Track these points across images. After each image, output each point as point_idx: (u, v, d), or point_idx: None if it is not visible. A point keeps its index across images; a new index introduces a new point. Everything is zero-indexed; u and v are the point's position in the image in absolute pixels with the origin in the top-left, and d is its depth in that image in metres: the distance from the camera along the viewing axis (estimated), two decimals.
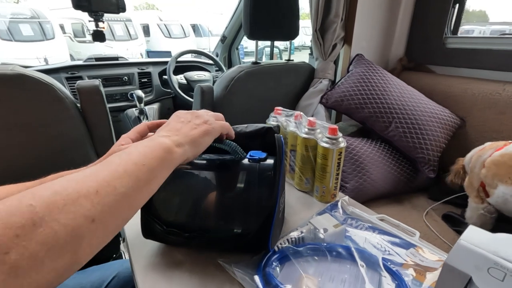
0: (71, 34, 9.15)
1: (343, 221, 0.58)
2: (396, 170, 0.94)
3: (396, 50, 1.25)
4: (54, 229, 0.21)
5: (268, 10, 0.90)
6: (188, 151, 0.37)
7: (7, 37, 7.37)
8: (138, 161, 0.30)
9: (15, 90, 0.60)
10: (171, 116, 0.43)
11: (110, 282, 0.58)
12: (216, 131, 0.42)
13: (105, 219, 0.25)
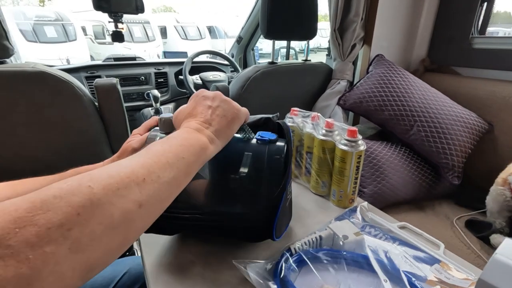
0: (92, 36, 9.45)
1: (362, 228, 0.56)
2: (417, 176, 0.90)
3: (418, 50, 1.20)
4: (109, 210, 0.23)
5: (286, 9, 0.89)
6: (220, 146, 0.38)
7: (33, 38, 7.70)
8: (178, 154, 0.31)
9: (36, 87, 0.61)
10: (195, 96, 0.42)
11: (121, 278, 0.58)
12: (242, 118, 0.42)
13: (150, 205, 0.27)
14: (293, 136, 0.72)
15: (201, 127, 0.37)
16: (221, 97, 0.41)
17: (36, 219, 0.19)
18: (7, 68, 0.58)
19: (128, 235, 0.25)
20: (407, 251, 0.50)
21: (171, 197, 0.31)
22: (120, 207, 0.24)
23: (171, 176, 0.29)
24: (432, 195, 0.91)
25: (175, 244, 0.52)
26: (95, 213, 0.22)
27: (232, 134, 0.41)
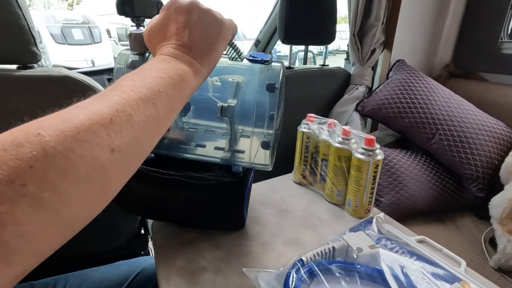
0: (116, 38, 9.80)
1: (377, 241, 0.54)
2: (438, 186, 0.86)
3: (442, 55, 1.15)
4: (70, 159, 0.19)
5: (304, 13, 0.88)
6: (205, 74, 0.32)
7: (61, 40, 8.09)
8: (154, 87, 0.26)
9: (61, 90, 0.64)
10: (167, 9, 0.33)
11: (135, 277, 0.60)
12: (229, 34, 0.35)
13: (126, 149, 0.23)
14: (308, 143, 0.71)
15: (179, 52, 0.30)
16: (198, 7, 0.32)
17: None
18: (35, 72, 0.61)
19: (105, 185, 0.22)
20: (425, 267, 0.48)
21: (153, 138, 0.26)
22: (84, 155, 0.20)
23: (148, 114, 0.25)
24: (454, 207, 0.87)
25: (188, 249, 0.53)
26: (52, 163, 0.19)
27: (218, 57, 0.34)
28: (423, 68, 1.12)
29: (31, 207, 0.17)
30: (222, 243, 0.54)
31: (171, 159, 0.45)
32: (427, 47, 1.13)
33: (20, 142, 0.18)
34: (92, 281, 0.56)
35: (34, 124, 0.20)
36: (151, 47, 0.34)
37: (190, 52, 0.31)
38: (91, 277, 0.58)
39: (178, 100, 0.28)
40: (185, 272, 0.48)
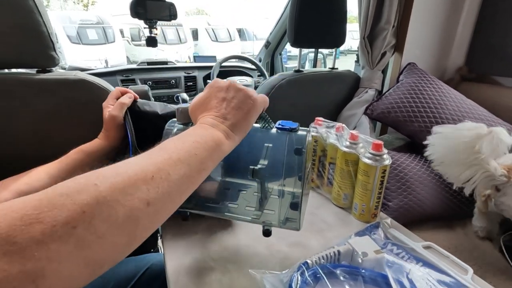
0: (128, 38, 9.99)
1: (383, 246, 0.54)
2: (447, 192, 0.85)
3: (454, 58, 1.14)
4: (115, 208, 0.23)
5: (314, 17, 0.88)
6: (236, 140, 0.37)
7: (76, 40, 8.31)
8: (191, 150, 0.31)
9: (76, 92, 0.67)
10: (209, 87, 0.40)
11: (143, 273, 0.61)
12: (259, 108, 0.41)
13: (159, 203, 0.26)
14: (316, 146, 0.72)
15: (216, 122, 0.36)
16: (235, 87, 0.39)
17: (41, 217, 0.20)
18: (53, 76, 0.64)
19: (135, 233, 0.25)
20: (431, 274, 0.48)
21: (184, 194, 0.30)
22: (126, 205, 0.24)
23: (182, 173, 0.29)
24: (464, 213, 0.86)
25: (196, 249, 0.54)
26: (100, 211, 0.22)
27: (249, 127, 0.39)
28: (434, 72, 1.11)
29: (76, 247, 0.20)
30: (229, 244, 0.56)
31: None
32: (439, 50, 1.11)
33: (80, 189, 0.22)
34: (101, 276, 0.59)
35: (93, 174, 0.24)
36: (193, 117, 0.40)
37: (225, 122, 0.36)
38: None
39: (211, 162, 0.33)
40: (193, 271, 0.49)
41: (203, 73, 1.73)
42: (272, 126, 0.44)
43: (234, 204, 0.47)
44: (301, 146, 0.41)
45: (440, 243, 0.65)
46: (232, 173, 0.47)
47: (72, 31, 8.29)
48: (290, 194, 0.44)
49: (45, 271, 0.19)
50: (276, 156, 0.42)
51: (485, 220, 0.75)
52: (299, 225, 0.45)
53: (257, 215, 0.46)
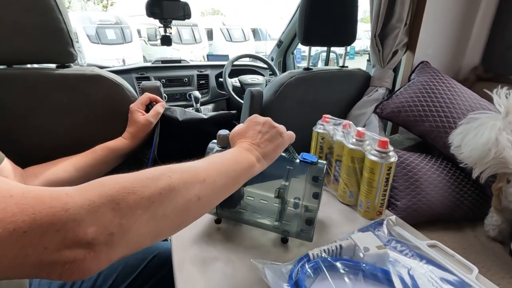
0: (145, 38, 10.21)
1: (387, 243, 0.54)
2: (458, 193, 0.84)
3: (470, 57, 1.11)
4: (178, 196, 0.32)
5: (324, 14, 0.88)
6: (265, 165, 0.46)
7: (96, 40, 8.57)
8: (230, 166, 0.40)
9: (93, 87, 0.70)
10: (249, 121, 0.51)
11: (151, 260, 0.64)
12: (286, 143, 0.50)
13: (205, 200, 0.35)
14: (323, 143, 0.72)
15: (251, 147, 0.46)
16: (270, 123, 0.49)
17: (135, 190, 0.28)
18: (72, 71, 0.67)
19: (185, 219, 0.34)
20: (434, 272, 0.48)
21: (220, 198, 0.40)
22: (185, 196, 0.32)
23: (223, 182, 0.38)
24: (475, 215, 0.84)
25: (202, 238, 0.56)
26: (169, 195, 0.31)
27: (276, 156, 0.49)
28: (448, 71, 1.08)
29: (149, 217, 0.29)
30: (234, 235, 0.57)
31: None
32: (454, 49, 1.09)
33: (160, 177, 0.31)
34: None
35: (167, 169, 0.33)
36: (232, 142, 0.50)
37: (259, 149, 0.46)
38: None
39: (243, 178, 0.43)
40: (198, 260, 0.51)
41: (216, 72, 1.76)
42: (296, 157, 0.54)
43: (257, 214, 0.56)
44: (319, 175, 0.51)
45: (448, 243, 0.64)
46: (258, 187, 0.56)
47: (91, 31, 8.56)
48: (305, 208, 0.52)
49: (131, 228, 0.27)
50: (296, 179, 0.52)
51: (498, 218, 0.74)
52: (311, 237, 0.53)
53: (277, 225, 0.54)
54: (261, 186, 0.56)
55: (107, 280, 0.58)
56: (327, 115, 0.73)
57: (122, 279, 0.59)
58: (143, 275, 0.61)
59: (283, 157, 0.54)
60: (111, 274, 0.59)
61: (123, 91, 0.72)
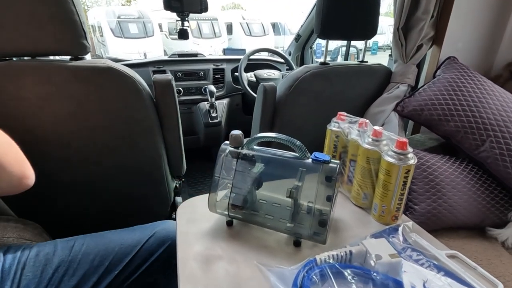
0: (166, 32, 10.36)
1: (401, 250, 0.51)
2: (484, 199, 0.78)
3: (504, 53, 1.02)
4: None
5: (343, 6, 0.84)
6: None
7: (119, 34, 8.80)
8: None
9: (105, 80, 0.70)
10: None
11: (148, 240, 0.64)
12: None
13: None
14: (337, 142, 0.69)
15: None
16: None
17: None
18: (85, 63, 0.68)
19: None
20: (453, 285, 0.44)
21: None
22: None
23: None
24: (504, 225, 0.78)
25: (207, 236, 0.55)
26: None
27: None
28: (478, 67, 1.00)
29: None
30: (240, 234, 0.56)
31: None
32: (486, 44, 1.00)
33: None
34: (107, 242, 0.62)
35: None
36: None
37: None
38: (107, 238, 0.63)
39: None
40: (201, 257, 0.50)
41: (232, 66, 1.74)
42: (308, 156, 0.51)
43: (270, 216, 0.54)
44: (332, 175, 0.49)
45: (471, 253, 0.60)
46: (270, 188, 0.55)
47: (115, 25, 8.79)
48: (319, 211, 0.50)
49: None
50: (308, 179, 0.50)
51: None
52: (325, 239, 0.50)
53: (290, 227, 0.52)
54: (273, 187, 0.55)
55: (103, 261, 0.59)
56: (342, 113, 0.70)
57: (119, 259, 0.60)
58: (140, 255, 0.62)
59: (295, 156, 0.53)
60: (107, 255, 0.60)
61: (134, 83, 0.71)
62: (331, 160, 0.50)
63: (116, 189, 0.88)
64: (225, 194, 0.56)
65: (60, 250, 0.58)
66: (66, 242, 0.61)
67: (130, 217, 0.94)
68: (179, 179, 1.07)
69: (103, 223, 0.84)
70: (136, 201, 0.94)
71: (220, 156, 0.55)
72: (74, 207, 0.86)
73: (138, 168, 0.86)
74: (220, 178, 0.56)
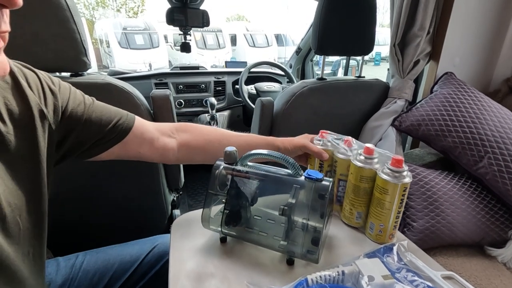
0: (171, 43, 10.55)
1: (396, 270, 0.50)
2: (484, 216, 0.77)
3: (502, 68, 1.02)
4: None
5: (340, 23, 0.85)
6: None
7: (125, 45, 8.98)
8: None
9: (104, 96, 0.71)
10: None
11: (147, 255, 0.64)
12: None
13: None
14: (322, 161, 0.67)
15: None
16: None
17: None
18: (83, 80, 0.69)
19: None
20: None
21: None
22: None
23: None
24: (504, 242, 0.76)
25: (200, 252, 0.55)
26: None
27: None
28: (476, 83, 1.00)
29: None
30: (233, 251, 0.55)
31: None
32: (483, 59, 1.01)
33: None
34: (107, 258, 0.62)
35: None
36: None
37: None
38: (107, 254, 0.63)
39: None
40: (194, 275, 0.50)
41: (233, 78, 1.76)
42: (301, 173, 0.51)
43: (264, 233, 0.53)
44: (325, 193, 0.49)
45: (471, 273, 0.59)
46: (264, 205, 0.55)
47: (122, 36, 8.98)
48: (312, 229, 0.49)
49: None
50: (302, 197, 0.50)
51: None
52: (318, 259, 0.49)
53: (283, 246, 0.51)
54: (269, 203, 0.55)
55: (103, 278, 0.59)
56: (325, 131, 0.68)
57: (118, 276, 0.60)
58: (139, 270, 0.62)
59: (288, 174, 0.53)
60: (107, 272, 0.60)
61: (133, 99, 0.73)
62: (324, 178, 0.50)
63: (113, 202, 0.88)
64: (219, 210, 0.56)
65: (63, 269, 0.59)
66: (68, 260, 0.61)
67: (130, 230, 0.94)
68: (177, 192, 1.07)
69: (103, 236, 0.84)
70: (135, 214, 0.94)
71: (215, 172, 0.56)
72: (72, 221, 0.86)
73: (135, 181, 0.86)
74: (214, 193, 0.56)
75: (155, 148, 0.58)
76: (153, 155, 0.58)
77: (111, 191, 0.85)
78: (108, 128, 0.52)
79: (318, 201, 0.49)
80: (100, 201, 0.85)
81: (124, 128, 0.54)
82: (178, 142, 0.61)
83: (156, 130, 0.59)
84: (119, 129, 0.53)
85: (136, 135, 0.55)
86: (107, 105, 0.54)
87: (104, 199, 0.86)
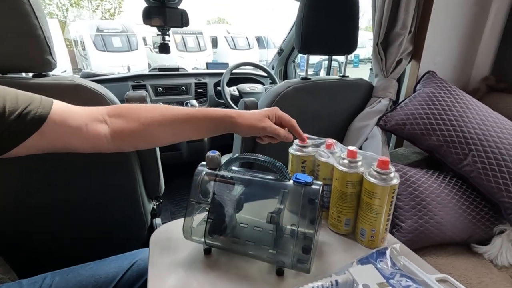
0: (151, 46, 10.33)
1: (390, 276, 0.48)
2: (470, 214, 0.77)
3: (480, 67, 1.04)
4: None
5: (322, 21, 0.83)
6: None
7: (102, 48, 8.69)
8: None
9: (70, 98, 0.65)
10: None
11: (126, 272, 0.58)
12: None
13: None
14: (304, 167, 0.64)
15: None
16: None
17: None
18: (48, 80, 0.63)
19: None
20: None
21: None
22: None
23: None
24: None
25: (182, 267, 0.50)
26: None
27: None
28: (456, 81, 1.02)
29: None
30: (218, 264, 0.51)
31: None
32: (462, 58, 1.03)
33: None
34: (79, 279, 0.55)
35: None
36: None
37: None
38: (79, 274, 0.56)
39: None
40: None
41: (214, 80, 1.72)
42: (289, 177, 0.49)
43: (251, 242, 0.50)
44: (314, 197, 0.47)
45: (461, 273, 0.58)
46: (250, 212, 0.52)
47: (98, 39, 8.69)
48: (302, 235, 0.47)
49: None
50: (290, 202, 0.48)
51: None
52: (309, 268, 0.47)
53: (271, 255, 0.48)
54: (255, 209, 0.52)
55: None
56: (307, 134, 0.65)
57: None
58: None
59: (275, 178, 0.50)
60: None
61: (105, 101, 0.67)
62: (313, 181, 0.47)
63: (87, 213, 0.81)
64: (202, 219, 0.52)
65: None
66: (33, 283, 0.54)
67: (106, 245, 0.86)
68: (157, 200, 1.01)
69: (75, 253, 0.77)
70: (111, 227, 0.87)
71: (196, 178, 0.52)
72: (38, 237, 0.78)
73: (110, 190, 0.80)
74: (197, 202, 0.52)
75: (84, 137, 0.48)
76: (84, 145, 0.49)
77: (85, 201, 0.78)
78: (13, 118, 0.42)
79: (308, 206, 0.46)
80: (70, 212, 0.78)
81: (38, 116, 0.44)
82: (111, 129, 0.51)
83: (86, 115, 0.50)
84: (28, 118, 0.43)
85: (56, 122, 0.45)
86: (11, 89, 0.44)
87: (74, 210, 0.78)
